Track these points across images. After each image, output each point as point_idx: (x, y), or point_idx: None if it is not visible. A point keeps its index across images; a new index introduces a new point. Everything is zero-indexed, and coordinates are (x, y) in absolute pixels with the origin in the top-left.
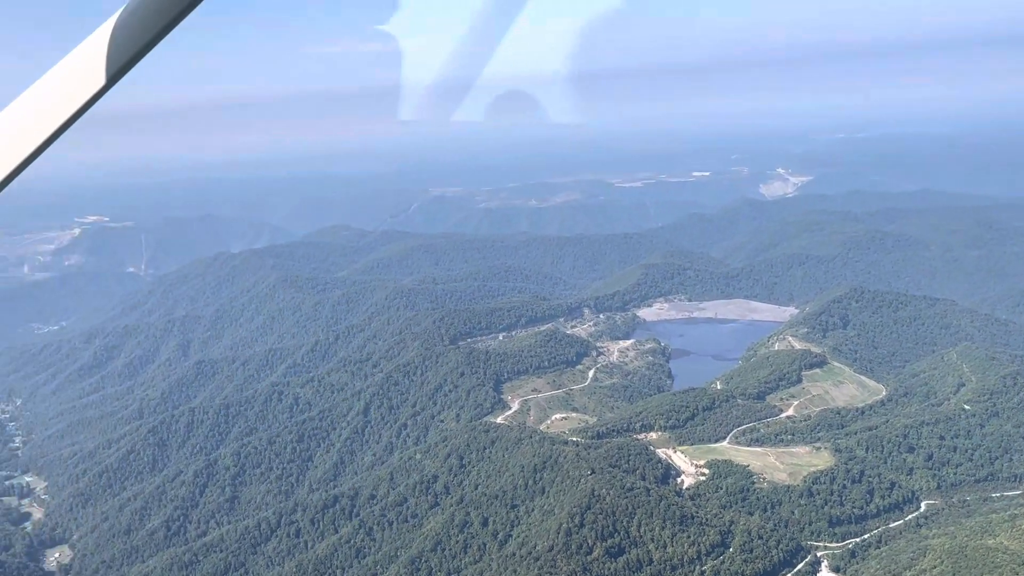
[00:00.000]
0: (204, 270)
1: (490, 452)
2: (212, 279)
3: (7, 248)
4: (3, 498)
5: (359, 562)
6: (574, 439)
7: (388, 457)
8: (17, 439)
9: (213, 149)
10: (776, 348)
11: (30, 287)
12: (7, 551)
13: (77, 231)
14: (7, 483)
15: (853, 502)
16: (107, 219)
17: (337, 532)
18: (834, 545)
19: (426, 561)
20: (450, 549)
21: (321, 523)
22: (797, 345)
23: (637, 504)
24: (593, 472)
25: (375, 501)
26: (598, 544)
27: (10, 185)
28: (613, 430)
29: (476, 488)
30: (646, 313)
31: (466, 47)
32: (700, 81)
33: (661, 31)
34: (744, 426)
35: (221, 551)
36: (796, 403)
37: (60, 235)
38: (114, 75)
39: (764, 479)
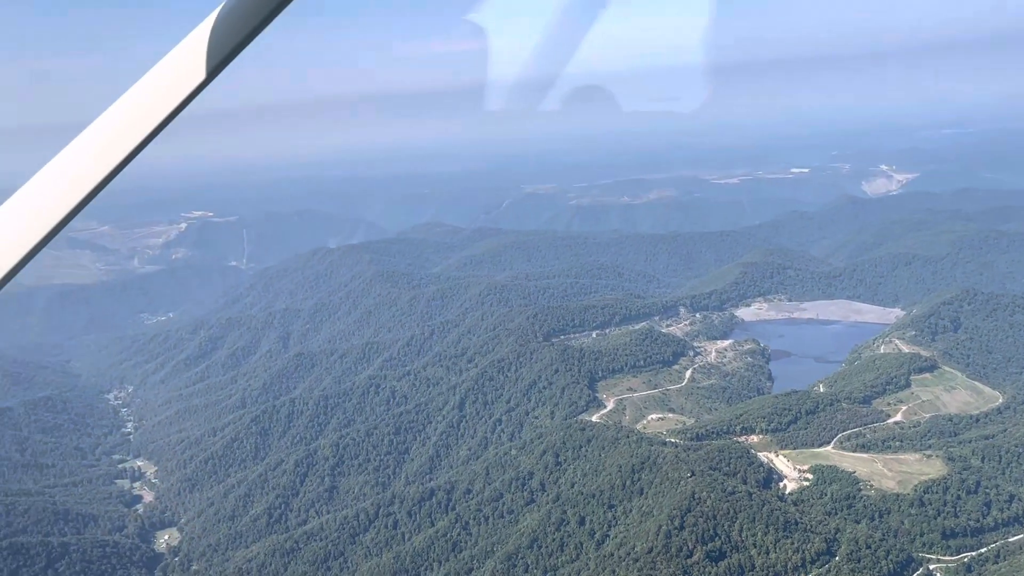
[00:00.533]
0: (303, 264)
1: (586, 451)
2: (311, 273)
3: (119, 241)
4: (116, 481)
5: (455, 556)
6: (672, 440)
7: (483, 452)
8: (129, 424)
9: (311, 147)
10: (882, 351)
11: (140, 279)
12: (120, 532)
13: (183, 225)
14: (120, 466)
15: (968, 514)
16: (211, 214)
17: (433, 525)
18: (948, 558)
19: (522, 558)
20: (547, 547)
21: (418, 515)
22: (905, 348)
23: (739, 508)
24: (693, 474)
25: (471, 496)
26: (698, 547)
27: (122, 181)
28: (712, 432)
29: (572, 486)
30: (744, 313)
31: (553, 36)
32: (799, 75)
33: (758, 23)
34: (849, 431)
35: (321, 540)
36: (904, 408)
37: (168, 229)
38: (214, 70)
39: (871, 486)
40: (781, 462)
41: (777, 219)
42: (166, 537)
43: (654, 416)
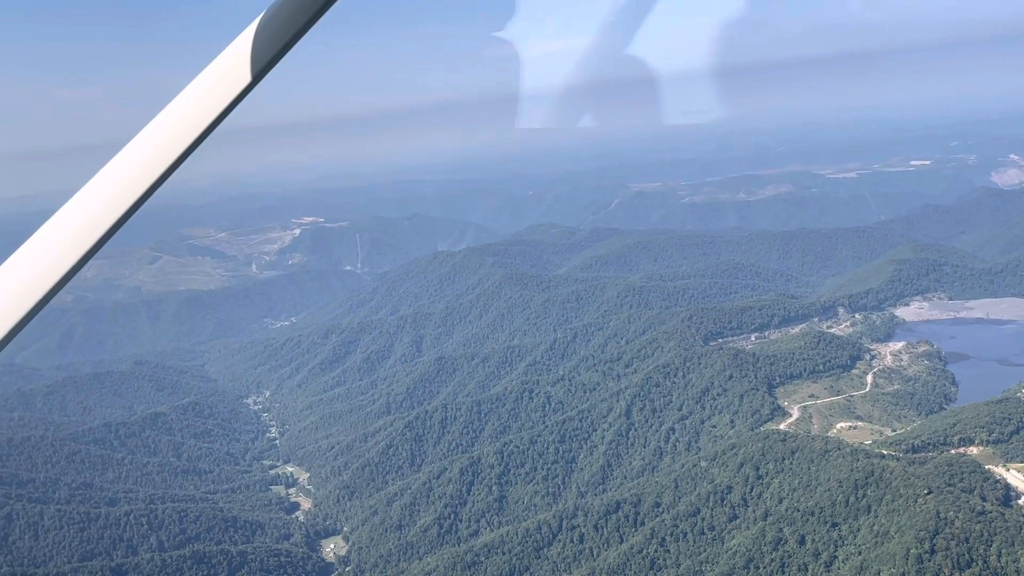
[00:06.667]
0: (424, 268)
1: (791, 464)
2: (433, 277)
3: (237, 248)
4: (271, 487)
5: (655, 575)
6: (888, 452)
7: (658, 462)
8: (273, 429)
9: (414, 152)
10: None
11: (260, 284)
12: (287, 539)
13: (297, 231)
14: (272, 472)
15: None
16: (323, 220)
17: (623, 541)
18: None
19: None
20: (764, 568)
21: (605, 529)
22: None
23: (993, 529)
24: (931, 491)
25: (661, 510)
26: (956, 574)
27: (234, 188)
28: (928, 443)
29: (781, 502)
30: (905, 312)
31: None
32: (911, 64)
33: (861, 13)
34: None
35: (503, 553)
36: None
37: (282, 235)
38: (259, 73)
39: None
40: (1015, 477)
41: (910, 214)
42: (331, 546)
43: (843, 425)
